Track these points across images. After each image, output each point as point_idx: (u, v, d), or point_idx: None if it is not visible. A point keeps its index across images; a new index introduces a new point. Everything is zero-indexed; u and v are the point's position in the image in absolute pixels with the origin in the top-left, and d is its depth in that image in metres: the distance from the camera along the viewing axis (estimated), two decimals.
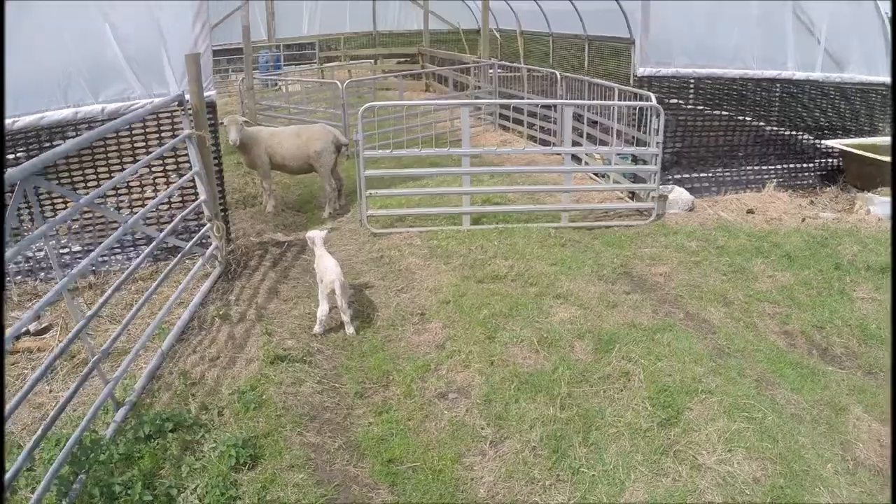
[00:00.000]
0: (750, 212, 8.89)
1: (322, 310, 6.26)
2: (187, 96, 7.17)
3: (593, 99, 10.70)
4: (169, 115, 7.45)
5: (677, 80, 9.10)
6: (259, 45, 22.50)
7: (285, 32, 23.52)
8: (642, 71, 8.86)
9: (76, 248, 7.71)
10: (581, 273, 7.13)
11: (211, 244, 7.48)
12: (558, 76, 12.03)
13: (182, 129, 7.22)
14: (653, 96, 8.59)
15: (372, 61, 22.66)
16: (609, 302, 6.51)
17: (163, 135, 7.52)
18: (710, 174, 9.62)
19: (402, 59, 22.32)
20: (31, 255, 7.61)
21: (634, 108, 9.15)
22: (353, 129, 11.69)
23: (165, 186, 7.64)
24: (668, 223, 8.62)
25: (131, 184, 7.77)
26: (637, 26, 8.69)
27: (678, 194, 8.93)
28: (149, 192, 7.77)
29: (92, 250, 7.53)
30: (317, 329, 6.30)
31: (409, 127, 11.10)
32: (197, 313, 6.68)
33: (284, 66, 21.43)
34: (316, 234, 6.69)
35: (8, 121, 6.84)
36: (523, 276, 7.02)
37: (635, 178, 9.24)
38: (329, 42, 24.80)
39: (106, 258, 7.74)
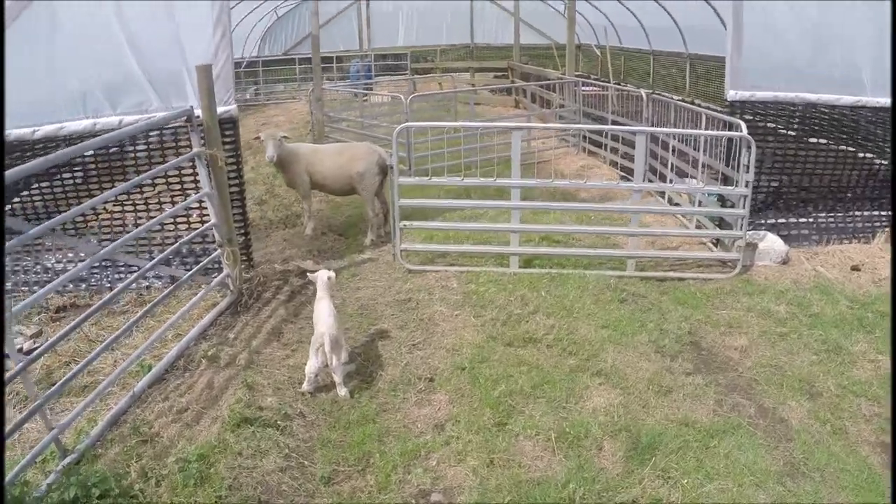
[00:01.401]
0: (855, 268, 7.13)
1: (311, 366, 5.18)
2: (198, 111, 6.31)
3: (680, 124, 9.12)
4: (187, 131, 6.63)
5: (775, 105, 7.45)
6: (352, 54, 21.96)
7: (381, 42, 22.88)
8: (733, 95, 7.25)
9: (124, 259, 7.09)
10: (636, 341, 5.69)
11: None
12: (644, 97, 10.50)
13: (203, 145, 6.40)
14: (743, 125, 7.00)
15: (469, 74, 21.62)
16: (662, 386, 5.06)
17: (180, 153, 6.72)
18: (811, 219, 7.84)
19: (499, 74, 21.15)
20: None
21: (721, 139, 7.58)
22: (415, 147, 10.64)
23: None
24: (755, 278, 7.01)
25: (150, 204, 7.02)
26: (729, 41, 7.11)
27: (770, 243, 7.28)
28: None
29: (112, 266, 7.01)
30: (305, 387, 5.23)
31: (467, 149, 9.93)
32: (188, 350, 5.80)
33: (376, 76, 20.72)
34: (321, 275, 5.59)
35: (27, 130, 6.42)
36: (562, 341, 5.66)
37: (721, 223, 7.66)
38: (425, 53, 23.98)
39: (122, 276, 7.02)
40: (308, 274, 5.72)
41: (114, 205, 7.03)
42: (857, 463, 4.42)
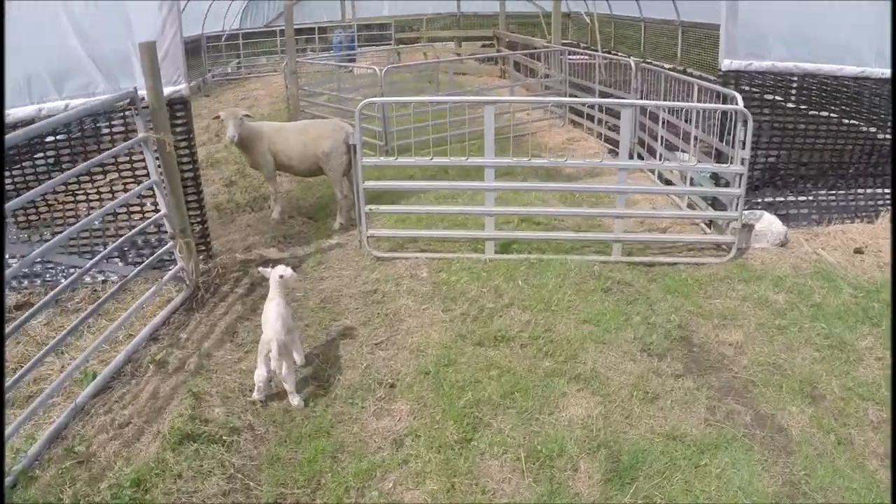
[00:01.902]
0: (858, 251, 6.55)
1: (259, 374, 4.63)
2: (142, 92, 5.71)
3: (671, 95, 8.48)
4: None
5: (773, 76, 6.82)
6: (335, 24, 21.14)
7: (366, 12, 22.03)
8: (727, 64, 6.61)
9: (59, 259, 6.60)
10: (620, 338, 5.13)
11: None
12: (633, 66, 9.83)
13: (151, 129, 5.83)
14: (739, 97, 6.39)
15: (454, 43, 20.81)
16: (648, 392, 4.51)
17: (131, 137, 6.11)
18: (811, 197, 7.23)
19: (487, 43, 20.33)
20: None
21: (715, 112, 6.96)
22: (392, 121, 10.00)
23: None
24: (752, 262, 6.45)
25: (103, 193, 6.46)
26: (723, 8, 6.46)
27: (767, 224, 6.70)
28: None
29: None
30: (255, 395, 4.69)
31: (437, 124, 9.22)
32: (136, 354, 5.28)
33: (360, 47, 19.91)
34: (273, 273, 4.98)
35: None
36: (538, 339, 5.09)
37: (714, 202, 7.07)
38: (411, 23, 23.12)
39: (78, 270, 6.49)
40: (260, 269, 5.13)
41: (66, 195, 6.50)
42: (865, 479, 3.91)
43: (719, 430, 4.18)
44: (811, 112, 7.07)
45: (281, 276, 4.90)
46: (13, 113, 5.97)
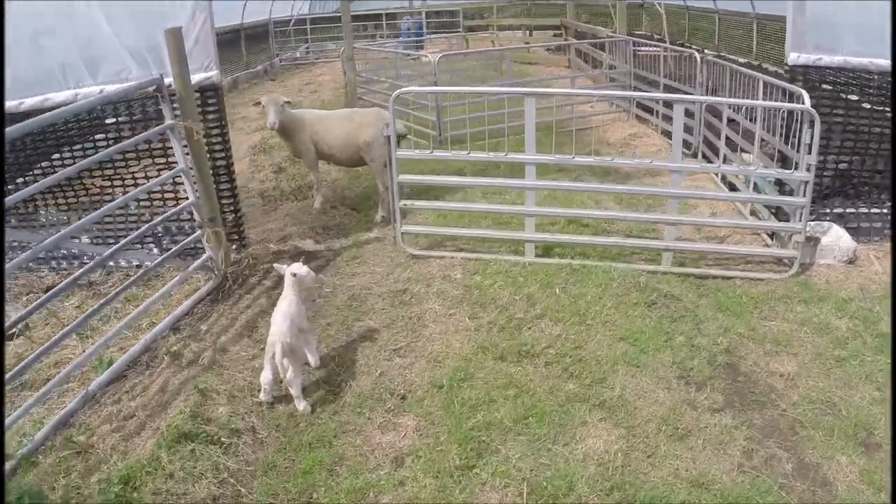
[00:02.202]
0: None
1: (265, 376, 4.39)
2: (168, 79, 5.51)
3: (738, 91, 7.75)
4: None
5: (846, 73, 6.09)
6: (404, 10, 20.83)
7: None
8: (794, 58, 5.92)
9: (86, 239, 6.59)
10: (657, 361, 4.60)
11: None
12: (697, 59, 9.11)
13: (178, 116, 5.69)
14: (805, 95, 5.71)
15: (522, 32, 20.20)
16: (678, 428, 3.98)
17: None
18: (885, 210, 6.39)
19: (558, 32, 19.65)
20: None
21: (779, 111, 6.28)
22: (445, 111, 9.59)
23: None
24: (815, 280, 5.77)
25: (138, 179, 6.35)
26: None
27: (835, 238, 6.01)
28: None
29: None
30: (262, 397, 4.45)
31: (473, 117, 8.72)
32: (155, 344, 5.11)
33: (429, 34, 19.55)
34: (290, 269, 4.67)
35: (14, 103, 5.94)
36: (566, 357, 4.62)
37: (778, 212, 6.41)
38: (480, 11, 22.57)
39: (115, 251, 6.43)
40: (275, 266, 4.84)
41: (103, 180, 6.44)
42: None
43: (753, 480, 3.63)
44: (888, 113, 6.29)
45: (294, 275, 4.60)
46: (52, 97, 5.93)
